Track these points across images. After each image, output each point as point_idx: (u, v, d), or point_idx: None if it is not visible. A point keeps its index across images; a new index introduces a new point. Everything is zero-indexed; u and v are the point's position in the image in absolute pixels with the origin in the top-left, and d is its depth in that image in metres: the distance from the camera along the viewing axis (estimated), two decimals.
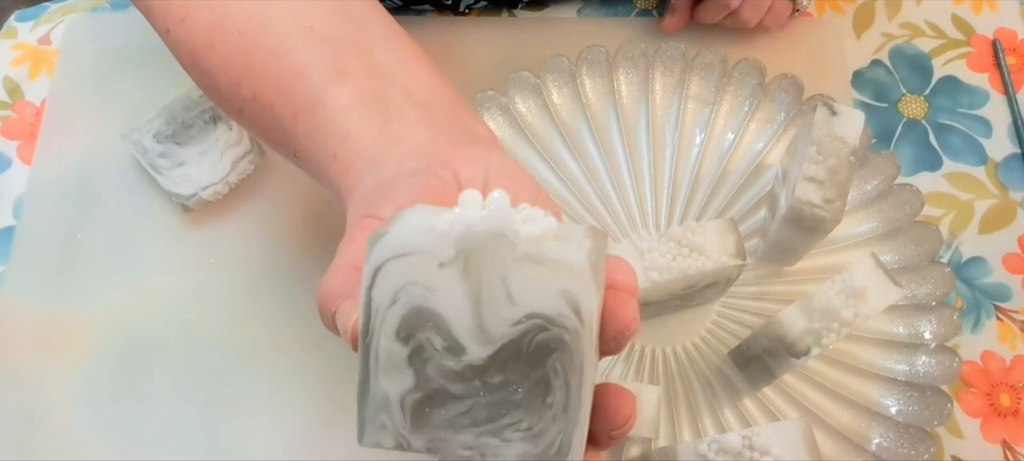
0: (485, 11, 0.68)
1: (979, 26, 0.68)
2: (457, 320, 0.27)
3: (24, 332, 0.58)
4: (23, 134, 0.64)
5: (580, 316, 0.26)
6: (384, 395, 0.28)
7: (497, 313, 0.27)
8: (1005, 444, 0.55)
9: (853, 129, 0.51)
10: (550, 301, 0.26)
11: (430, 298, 0.27)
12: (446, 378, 0.27)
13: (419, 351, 0.27)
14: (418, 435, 0.28)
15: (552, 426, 0.27)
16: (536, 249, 0.26)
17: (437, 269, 0.27)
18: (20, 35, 0.68)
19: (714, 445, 0.45)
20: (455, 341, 0.27)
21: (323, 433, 0.55)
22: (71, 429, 0.56)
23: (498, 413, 0.27)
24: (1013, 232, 0.61)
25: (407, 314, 0.27)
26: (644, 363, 0.55)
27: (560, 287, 0.26)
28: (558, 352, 0.27)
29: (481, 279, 0.27)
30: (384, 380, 0.28)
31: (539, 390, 0.27)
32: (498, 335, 0.27)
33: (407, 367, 0.28)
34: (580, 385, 0.27)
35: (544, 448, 0.27)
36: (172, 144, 0.60)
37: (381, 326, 0.28)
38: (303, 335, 0.58)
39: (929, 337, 0.54)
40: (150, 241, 0.60)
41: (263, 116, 0.42)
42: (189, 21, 0.44)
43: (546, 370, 0.27)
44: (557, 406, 0.27)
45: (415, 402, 0.28)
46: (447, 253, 0.27)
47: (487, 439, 0.28)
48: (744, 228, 0.57)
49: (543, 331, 0.27)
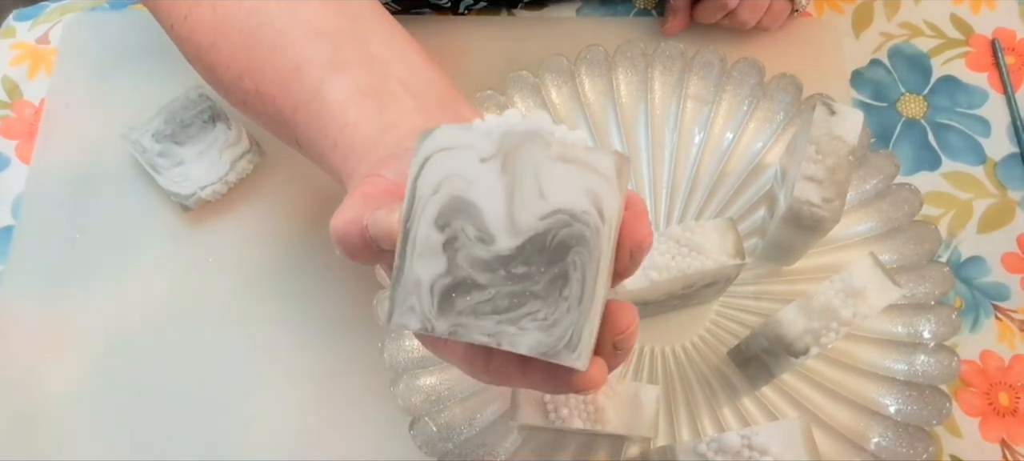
0: (484, 11, 0.68)
1: (978, 26, 0.68)
2: (491, 211, 0.29)
3: (23, 331, 0.58)
4: (22, 133, 0.64)
5: (602, 215, 0.29)
6: (417, 279, 0.30)
7: (527, 206, 0.29)
8: (1004, 443, 0.55)
9: (852, 128, 0.51)
10: (577, 198, 0.29)
11: (469, 189, 0.29)
12: (474, 267, 0.30)
13: (453, 239, 0.30)
14: (442, 319, 0.30)
15: (566, 318, 0.29)
16: (569, 151, 0.29)
17: (479, 163, 0.29)
18: (19, 34, 0.68)
19: (713, 444, 0.45)
20: (487, 231, 0.29)
21: (323, 433, 0.55)
22: (70, 428, 0.56)
23: (518, 303, 0.30)
24: (1012, 231, 0.61)
25: (446, 203, 0.30)
26: (643, 362, 0.55)
27: (587, 186, 0.29)
28: (579, 247, 0.29)
29: (516, 174, 0.29)
30: (418, 265, 0.30)
31: (557, 283, 0.29)
32: (526, 227, 0.29)
33: (441, 253, 0.30)
34: (595, 280, 0.29)
35: (556, 338, 0.29)
36: (171, 143, 0.60)
37: (422, 213, 0.30)
38: (302, 334, 0.58)
39: (928, 336, 0.54)
40: (149, 240, 0.60)
41: (265, 108, 0.44)
42: (191, 18, 0.45)
43: (566, 264, 0.29)
44: (572, 299, 0.29)
45: (444, 287, 0.30)
46: (489, 149, 0.29)
47: (506, 327, 0.30)
48: (743, 227, 0.57)
49: (567, 226, 0.29)
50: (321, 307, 0.58)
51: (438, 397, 0.52)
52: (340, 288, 0.59)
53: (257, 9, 0.43)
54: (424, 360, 0.53)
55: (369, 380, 0.56)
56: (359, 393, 0.56)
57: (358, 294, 0.58)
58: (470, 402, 0.53)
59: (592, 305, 0.29)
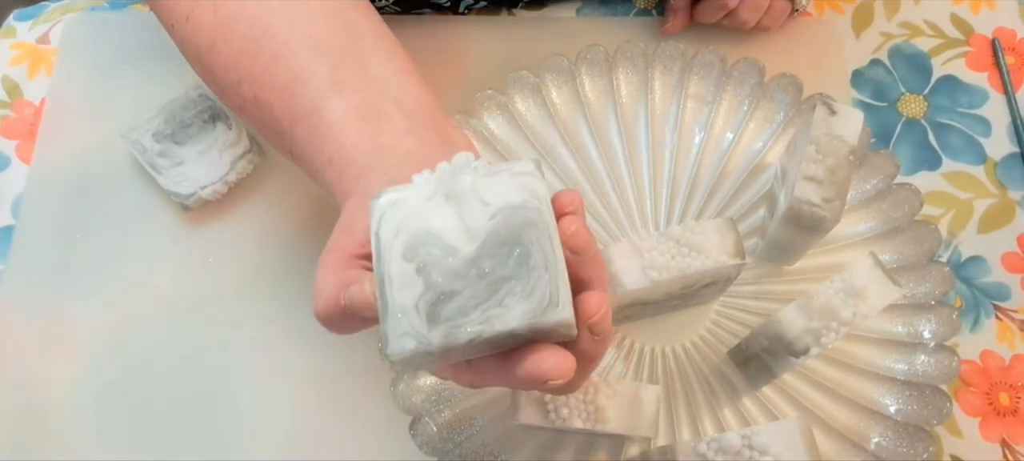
0: (484, 11, 0.68)
1: (978, 25, 0.68)
2: (448, 230, 0.34)
3: (23, 331, 0.58)
4: (22, 133, 0.64)
5: (538, 198, 0.34)
6: (402, 305, 0.33)
7: (476, 215, 0.34)
8: (1004, 443, 0.55)
9: (852, 128, 0.51)
10: (514, 193, 0.34)
11: (425, 222, 0.34)
12: (448, 277, 0.33)
13: (423, 264, 0.34)
14: (435, 330, 0.33)
15: (540, 282, 0.33)
16: (493, 168, 0.35)
17: (426, 202, 0.34)
18: (19, 34, 0.68)
19: (713, 444, 0.45)
20: (449, 246, 0.34)
21: (323, 433, 0.55)
22: (70, 428, 0.56)
23: (496, 288, 0.33)
24: (1012, 231, 0.61)
25: (409, 239, 0.34)
26: (643, 362, 0.55)
27: (518, 182, 0.34)
28: (529, 226, 0.34)
29: (458, 197, 0.34)
30: (399, 294, 0.34)
31: (523, 259, 0.34)
32: (480, 229, 0.34)
33: (416, 277, 0.33)
34: (552, 247, 0.34)
35: (538, 300, 0.33)
36: (171, 143, 0.60)
37: (391, 254, 0.34)
38: (302, 334, 0.58)
39: (928, 336, 0.54)
40: (149, 240, 0.60)
41: (263, 116, 0.44)
42: (193, 20, 0.46)
43: (524, 243, 0.34)
44: (539, 266, 0.33)
45: (428, 302, 0.33)
46: (430, 190, 0.35)
47: (492, 311, 0.33)
48: (743, 227, 0.57)
49: (514, 215, 0.34)
50: None
51: (438, 397, 0.52)
52: None
53: (260, 17, 0.43)
54: None
55: (369, 380, 0.56)
56: (359, 393, 0.56)
57: None
58: (470, 401, 0.53)
59: (557, 265, 0.34)
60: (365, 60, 0.43)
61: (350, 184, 0.40)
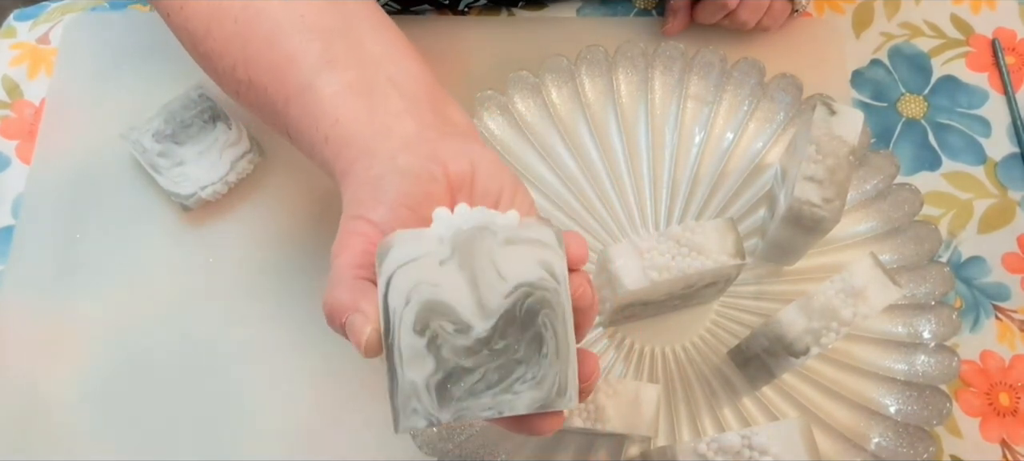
0: (485, 10, 0.68)
1: (978, 26, 0.68)
2: (461, 303, 0.33)
3: (23, 331, 0.58)
4: (22, 133, 0.64)
5: (556, 277, 0.34)
6: (412, 383, 0.33)
7: (492, 290, 0.33)
8: (1004, 443, 0.55)
9: (852, 128, 0.51)
10: (532, 270, 0.33)
11: (437, 292, 0.33)
12: (459, 355, 0.33)
13: (434, 338, 0.33)
14: (445, 410, 0.33)
15: (550, 371, 0.33)
16: (514, 234, 0.34)
17: (439, 266, 0.33)
18: (19, 34, 0.68)
19: (713, 444, 0.45)
20: (462, 321, 0.33)
21: (322, 433, 0.55)
22: (70, 428, 0.56)
23: (506, 373, 0.33)
24: (1012, 232, 0.61)
25: (420, 309, 0.33)
26: (643, 363, 0.55)
27: (537, 258, 0.33)
28: (545, 309, 0.33)
29: (474, 266, 0.33)
30: (409, 371, 0.33)
31: (535, 345, 0.33)
32: (495, 307, 0.33)
33: (427, 354, 0.33)
34: (566, 332, 0.33)
35: (547, 390, 0.33)
36: (171, 143, 0.60)
37: (400, 324, 0.33)
38: (302, 335, 0.58)
39: (928, 336, 0.54)
40: (149, 240, 0.60)
41: (258, 99, 0.45)
42: (187, 8, 0.46)
43: (537, 326, 0.33)
44: (551, 354, 0.33)
45: (438, 382, 0.33)
46: (445, 252, 0.33)
47: (502, 396, 0.33)
48: (743, 228, 0.57)
49: (530, 296, 0.33)
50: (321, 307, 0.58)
51: None
52: None
53: (252, 1, 0.44)
54: None
55: (369, 380, 0.56)
56: (359, 393, 0.56)
57: None
58: None
59: (569, 353, 0.34)
60: (359, 38, 0.43)
61: (348, 163, 0.40)
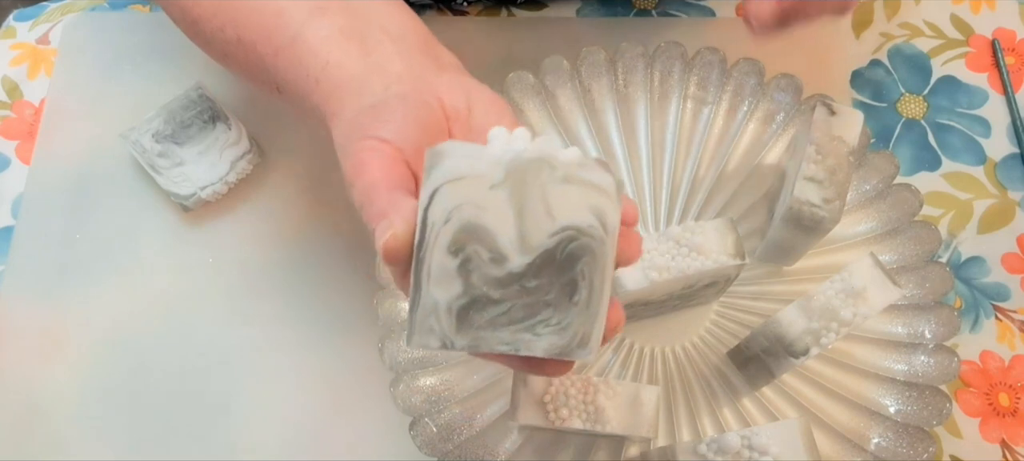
0: (485, 10, 0.68)
1: (978, 26, 0.68)
2: (502, 233, 0.31)
3: (23, 331, 0.58)
4: (22, 134, 0.64)
5: (605, 227, 0.32)
6: (434, 302, 0.32)
7: (537, 226, 0.31)
8: (1004, 444, 0.55)
9: (852, 129, 0.51)
10: (582, 214, 0.31)
11: (480, 215, 0.31)
12: (489, 285, 0.31)
13: (467, 262, 0.31)
14: (461, 336, 0.32)
15: (576, 320, 0.32)
16: (573, 172, 0.31)
17: (488, 190, 0.31)
18: (19, 35, 0.68)
19: (713, 445, 0.45)
20: (499, 252, 0.31)
21: (323, 433, 0.55)
22: (70, 428, 0.56)
23: (532, 313, 0.32)
24: (1012, 232, 0.61)
25: (459, 229, 0.31)
26: (643, 363, 0.55)
27: (591, 203, 0.31)
28: (586, 257, 0.32)
29: (524, 197, 0.31)
30: (435, 289, 0.31)
31: (567, 291, 0.32)
32: (537, 244, 0.31)
33: (456, 276, 0.31)
34: (602, 286, 0.32)
35: (569, 339, 0.32)
36: (171, 144, 0.60)
37: (435, 241, 0.31)
38: (302, 335, 0.58)
39: (928, 337, 0.54)
40: (149, 241, 0.60)
41: (247, 56, 0.45)
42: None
43: (575, 273, 0.32)
44: (581, 304, 0.32)
45: (461, 307, 0.32)
46: (498, 176, 0.31)
47: (522, 335, 0.32)
48: (743, 228, 0.57)
49: (575, 240, 0.31)
50: (321, 307, 0.58)
51: (438, 397, 0.52)
52: (340, 288, 0.59)
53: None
54: (424, 360, 0.53)
55: (369, 380, 0.56)
56: (359, 393, 0.56)
57: (358, 294, 0.58)
58: (470, 402, 0.53)
59: (600, 307, 0.32)
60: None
61: (338, 103, 0.39)
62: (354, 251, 0.59)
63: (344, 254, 0.60)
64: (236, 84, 0.65)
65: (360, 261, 0.58)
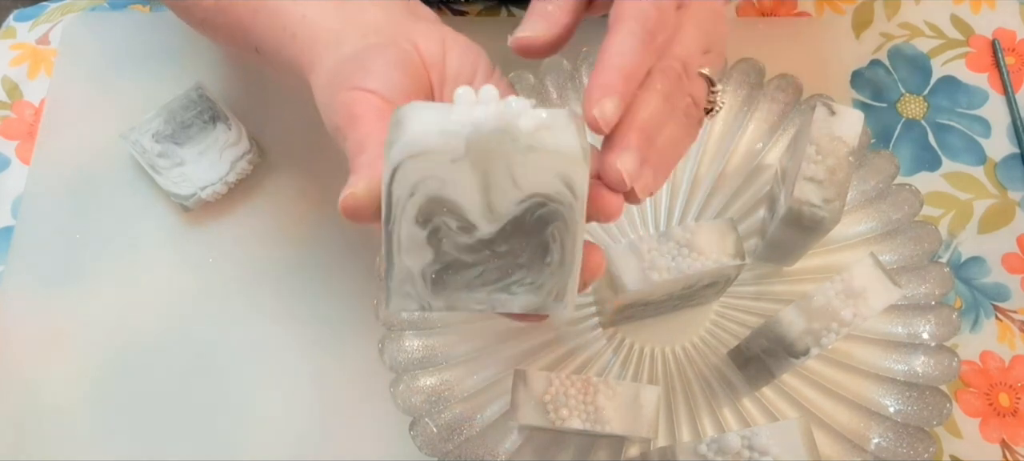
0: (485, 10, 0.68)
1: (978, 26, 0.68)
2: (469, 204, 0.31)
3: (22, 331, 0.58)
4: (22, 134, 0.64)
5: (574, 192, 0.31)
6: (407, 270, 0.32)
7: (504, 196, 0.31)
8: (1004, 444, 0.55)
9: (852, 129, 0.51)
10: (549, 182, 0.31)
11: (444, 188, 0.31)
12: (460, 251, 0.32)
13: (436, 232, 0.32)
14: (438, 298, 0.33)
15: (550, 279, 0.32)
16: (535, 140, 0.30)
17: (450, 164, 0.30)
18: (19, 35, 0.68)
19: (713, 445, 0.45)
20: (467, 221, 0.31)
21: (323, 433, 0.55)
22: (70, 428, 0.56)
23: (506, 274, 0.32)
24: (1012, 232, 0.61)
25: (424, 203, 0.31)
26: (643, 363, 0.55)
27: (557, 170, 0.31)
28: (556, 222, 0.32)
29: (488, 169, 0.31)
30: (407, 258, 0.32)
31: (539, 253, 0.32)
32: (504, 213, 0.31)
33: (426, 246, 0.32)
34: (574, 246, 0.32)
35: (544, 296, 0.33)
36: (171, 144, 0.60)
37: (402, 214, 0.31)
38: (302, 335, 0.58)
39: (928, 337, 0.54)
40: (148, 241, 0.60)
41: (226, 19, 0.45)
42: None
43: (545, 237, 0.32)
44: (554, 263, 0.32)
45: (435, 272, 0.32)
46: (458, 150, 0.30)
47: (497, 295, 0.33)
48: (743, 228, 0.57)
49: (543, 206, 0.31)
50: (321, 307, 0.58)
51: (438, 397, 0.52)
52: (340, 288, 0.59)
53: None
54: (424, 360, 0.53)
55: (369, 380, 0.56)
56: (359, 393, 0.56)
57: (358, 294, 0.58)
58: (470, 402, 0.53)
59: (573, 265, 0.33)
60: None
61: (317, 55, 0.40)
62: (354, 251, 0.59)
63: (344, 254, 0.60)
64: (236, 84, 0.65)
65: (360, 261, 0.58)
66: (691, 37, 0.38)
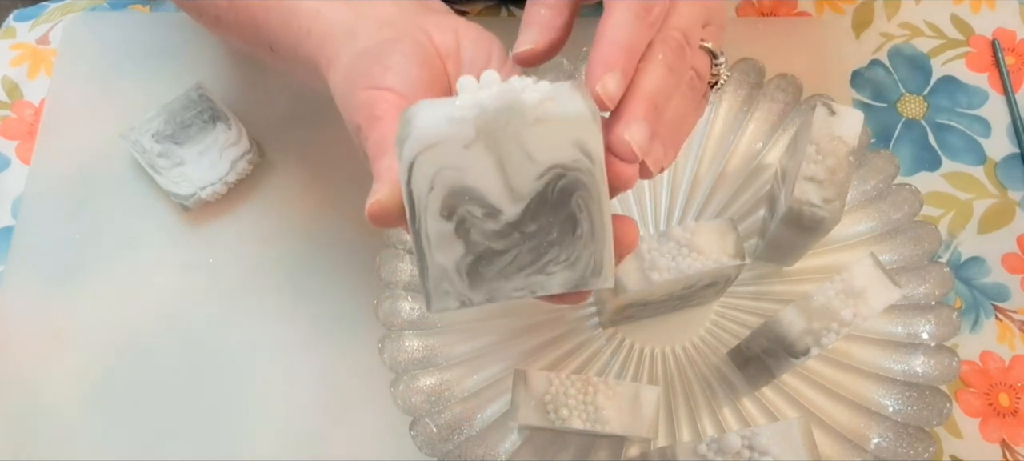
0: (485, 10, 0.68)
1: (978, 26, 0.68)
2: (489, 188, 0.31)
3: (23, 331, 0.58)
4: (22, 134, 0.64)
5: (591, 157, 0.31)
6: (441, 267, 0.32)
7: (522, 173, 0.31)
8: (1004, 444, 0.55)
9: (852, 129, 0.51)
10: (564, 151, 0.31)
11: (462, 177, 0.31)
12: (489, 238, 0.32)
13: (462, 222, 0.31)
14: (476, 291, 0.33)
15: (585, 251, 0.32)
16: (542, 111, 0.30)
17: (463, 150, 0.30)
18: (19, 35, 0.68)
19: (713, 445, 0.45)
20: (491, 206, 0.31)
21: (323, 433, 0.55)
22: (70, 429, 0.56)
23: (539, 255, 0.32)
24: (1012, 232, 0.61)
25: (446, 195, 0.31)
26: (643, 363, 0.55)
27: (570, 137, 0.31)
28: (578, 191, 0.31)
29: (502, 149, 0.31)
30: (438, 255, 0.32)
31: (568, 226, 0.32)
32: (526, 191, 0.31)
33: (455, 238, 0.32)
34: (601, 213, 0.32)
35: (581, 270, 0.32)
36: (171, 144, 0.60)
37: (425, 211, 0.31)
38: (302, 334, 0.58)
39: (928, 337, 0.54)
40: (148, 241, 0.60)
41: (238, 17, 0.45)
42: None
43: (571, 208, 0.32)
44: (586, 235, 0.32)
45: (469, 265, 0.32)
46: (469, 135, 0.30)
47: (534, 277, 0.32)
48: (743, 228, 0.57)
49: (562, 177, 0.31)
50: (321, 307, 0.58)
51: (438, 397, 0.52)
52: (340, 288, 0.59)
53: None
54: (424, 360, 0.53)
55: (369, 380, 0.56)
56: (359, 393, 0.56)
57: (358, 294, 0.58)
58: (470, 402, 0.53)
59: (604, 233, 0.32)
60: None
61: (333, 51, 0.40)
62: (354, 251, 0.59)
63: (344, 254, 0.60)
64: (236, 84, 0.65)
65: (360, 261, 0.58)
66: (689, 9, 0.38)
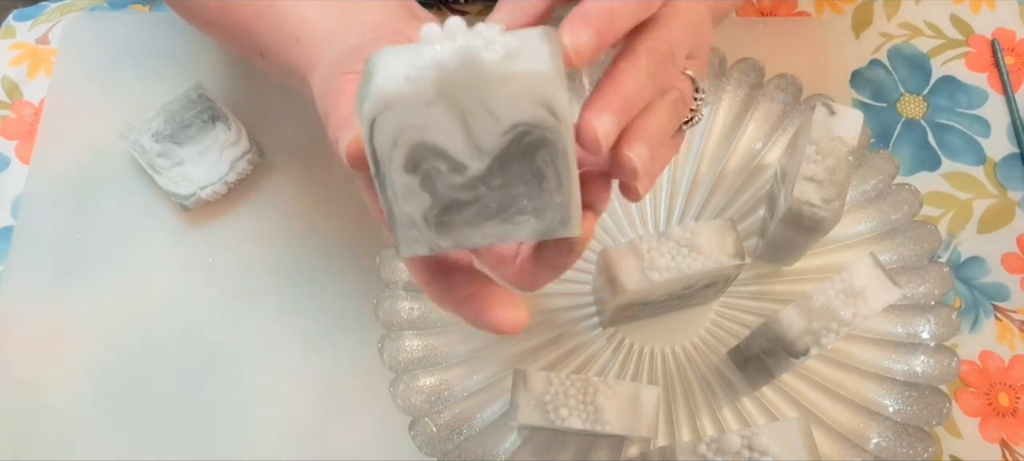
0: (485, 10, 0.68)
1: (978, 26, 0.68)
2: (453, 145, 0.30)
3: (22, 332, 0.58)
4: (21, 134, 0.64)
5: (556, 115, 0.30)
6: (409, 216, 0.32)
7: (485, 131, 0.30)
8: (1003, 444, 0.55)
9: (852, 129, 0.51)
10: (527, 109, 0.30)
11: (426, 134, 0.30)
12: (456, 190, 0.31)
13: (428, 176, 0.31)
14: (444, 238, 0.33)
15: (551, 202, 0.32)
16: (505, 68, 0.29)
17: (425, 108, 0.30)
18: (18, 35, 0.68)
19: (713, 445, 0.45)
20: (456, 161, 0.31)
21: (323, 433, 0.55)
22: (70, 429, 0.56)
23: (506, 205, 0.32)
24: (1012, 232, 0.61)
25: (409, 151, 0.31)
26: (643, 363, 0.55)
27: (533, 95, 0.30)
28: (544, 148, 0.31)
29: (464, 107, 0.30)
30: (405, 205, 0.32)
31: (535, 180, 0.32)
32: (490, 147, 0.31)
33: (421, 191, 0.31)
34: (567, 168, 0.31)
35: (549, 220, 0.33)
36: (170, 144, 0.60)
37: (390, 164, 0.31)
38: (302, 334, 0.58)
39: (928, 337, 0.54)
40: (148, 241, 0.60)
41: (228, 20, 0.46)
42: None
43: (537, 163, 0.31)
44: (552, 188, 0.32)
45: (436, 215, 0.32)
46: (428, 93, 0.29)
47: (502, 226, 0.32)
48: (743, 228, 0.57)
49: (528, 135, 0.30)
50: (321, 307, 0.58)
51: (438, 397, 0.52)
52: (340, 288, 0.59)
53: None
54: (424, 360, 0.53)
55: (369, 380, 0.56)
56: (359, 393, 0.56)
57: (358, 294, 0.58)
58: (470, 402, 0.53)
59: (571, 186, 0.32)
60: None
61: (318, 56, 0.40)
62: (354, 251, 0.59)
63: (344, 254, 0.60)
64: (236, 84, 0.65)
65: (360, 261, 0.58)
66: (679, 28, 0.37)
